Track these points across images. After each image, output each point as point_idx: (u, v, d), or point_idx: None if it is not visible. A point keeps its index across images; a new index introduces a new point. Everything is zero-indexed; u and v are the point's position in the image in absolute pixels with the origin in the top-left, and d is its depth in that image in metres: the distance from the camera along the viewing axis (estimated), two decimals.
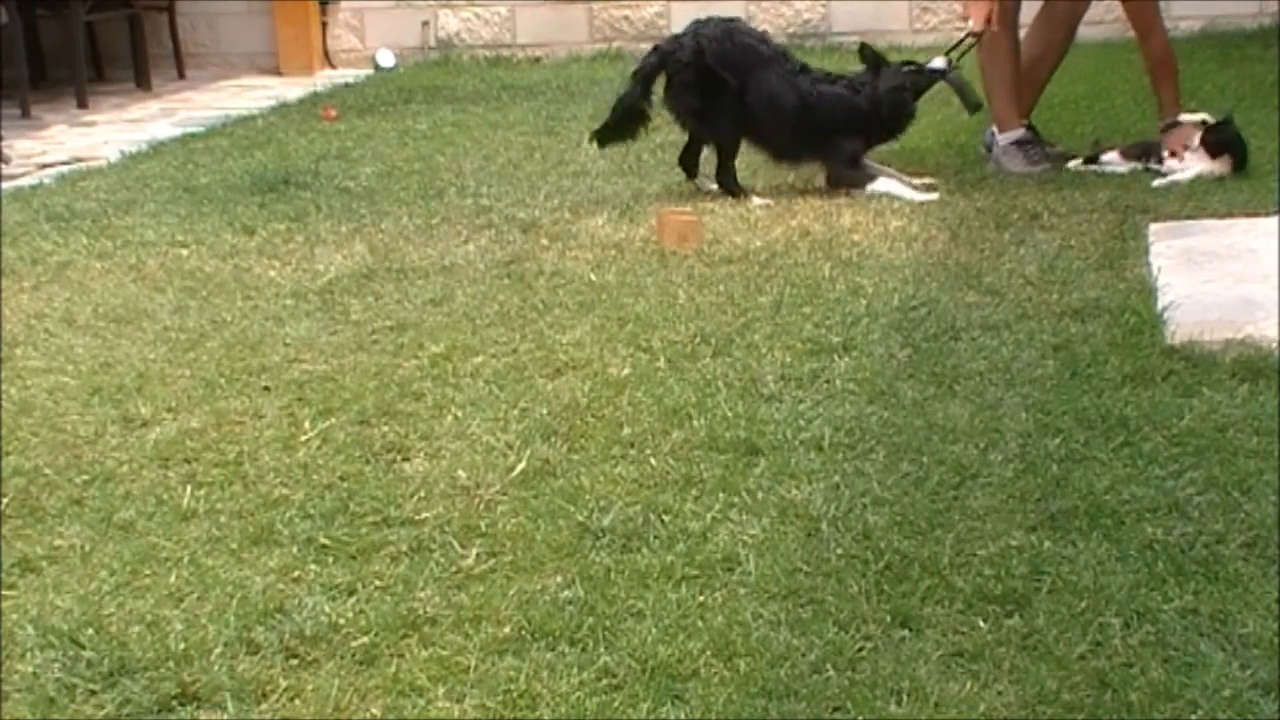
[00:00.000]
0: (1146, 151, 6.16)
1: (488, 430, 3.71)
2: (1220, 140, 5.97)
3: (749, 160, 6.27)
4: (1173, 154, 6.02)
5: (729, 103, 6.03)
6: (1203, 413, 3.60)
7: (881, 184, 6.04)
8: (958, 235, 5.32)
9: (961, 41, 6.34)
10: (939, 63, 6.25)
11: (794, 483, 3.34)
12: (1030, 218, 5.48)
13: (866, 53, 6.26)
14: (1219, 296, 4.37)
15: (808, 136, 6.09)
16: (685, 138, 6.26)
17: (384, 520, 3.25)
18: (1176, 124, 6.10)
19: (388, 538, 3.17)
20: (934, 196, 5.93)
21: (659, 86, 6.16)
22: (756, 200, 5.97)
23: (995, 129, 6.39)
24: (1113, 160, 6.18)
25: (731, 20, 6.35)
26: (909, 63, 6.32)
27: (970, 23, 6.33)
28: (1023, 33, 6.54)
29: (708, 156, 6.23)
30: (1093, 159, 6.21)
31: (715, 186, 6.12)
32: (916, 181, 6.09)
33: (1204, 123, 6.04)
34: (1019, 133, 6.32)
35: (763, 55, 6.14)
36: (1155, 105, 6.33)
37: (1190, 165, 5.95)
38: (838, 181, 6.10)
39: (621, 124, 6.21)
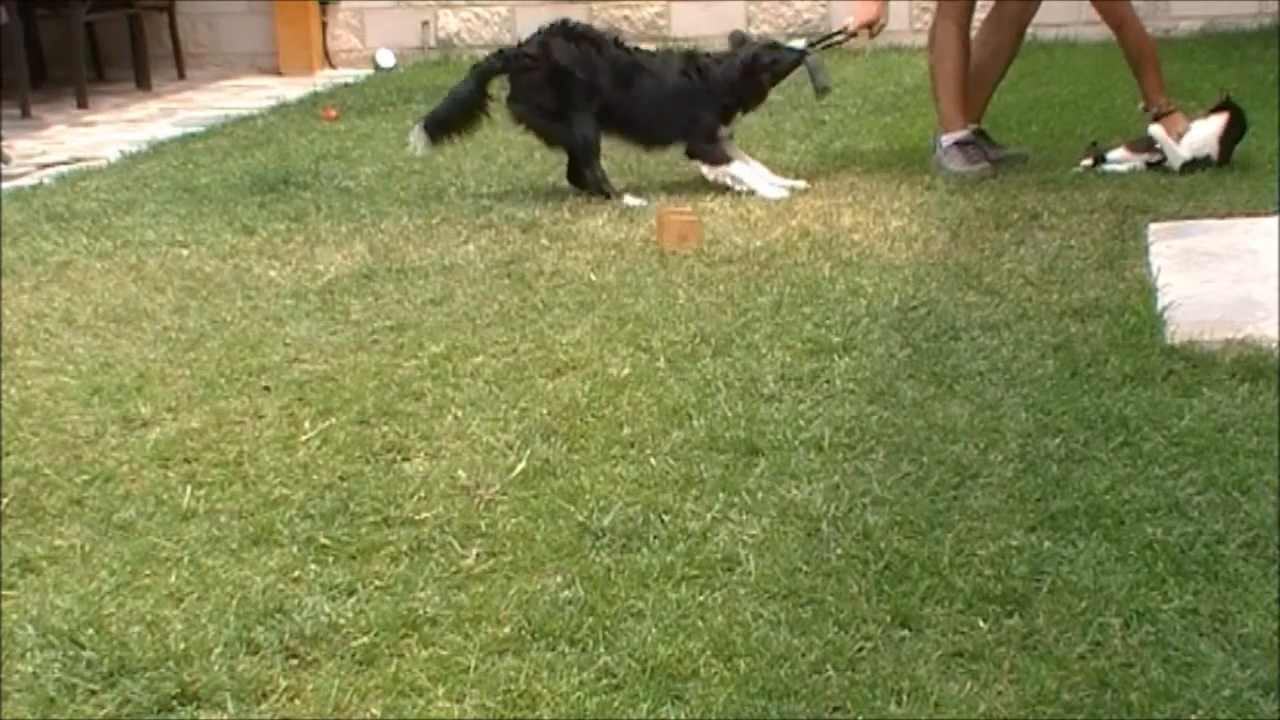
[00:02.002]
0: (1150, 145, 6.17)
1: (488, 430, 3.71)
2: (1223, 105, 6.05)
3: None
4: (1175, 138, 6.05)
5: (581, 102, 6.07)
6: (1203, 413, 3.60)
7: (738, 168, 6.15)
8: (958, 235, 5.33)
9: (832, 35, 6.63)
10: (799, 43, 6.42)
11: (794, 483, 3.34)
12: (1030, 218, 5.48)
13: (735, 37, 6.43)
14: (1219, 296, 4.37)
15: (669, 117, 6.16)
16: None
17: (384, 520, 3.25)
18: (1168, 112, 6.11)
19: (388, 538, 3.17)
20: (785, 194, 6.04)
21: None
22: (630, 199, 6.01)
23: (940, 131, 6.42)
24: (1120, 158, 6.18)
25: (570, 22, 6.39)
26: (772, 43, 6.48)
27: (850, 20, 6.53)
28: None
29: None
30: (1100, 159, 6.21)
31: (641, 201, 6.05)
32: (784, 181, 6.16)
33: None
34: (962, 134, 6.33)
35: (608, 48, 6.20)
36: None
37: (1194, 135, 6.00)
38: (694, 154, 6.21)
39: (451, 115, 6.24)
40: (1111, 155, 6.20)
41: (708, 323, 4.44)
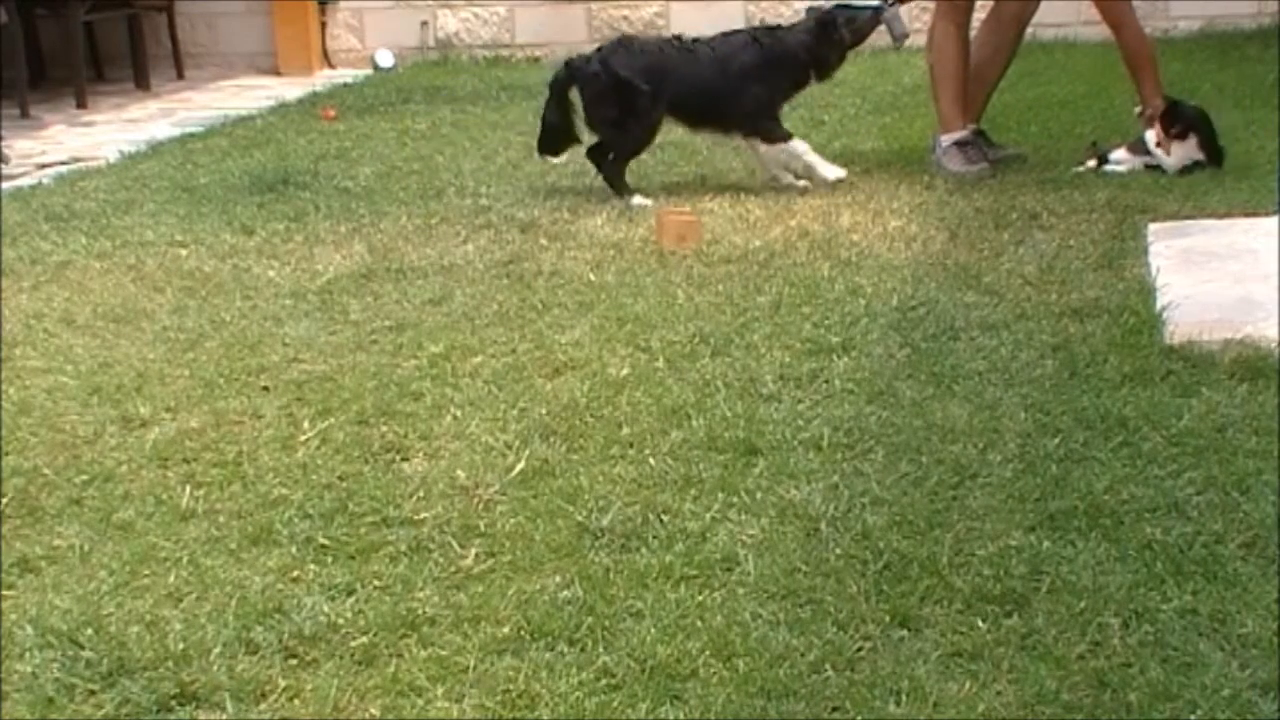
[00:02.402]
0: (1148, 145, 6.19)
1: (487, 430, 3.71)
2: (1180, 121, 6.03)
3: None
4: (1158, 144, 6.05)
5: (643, 109, 6.03)
6: (1202, 413, 3.60)
7: (798, 145, 6.14)
8: (957, 235, 5.33)
9: None
10: (873, 1, 6.35)
11: (793, 483, 3.34)
12: (1030, 218, 5.48)
13: (811, 10, 6.36)
14: (1219, 296, 4.37)
15: (735, 96, 6.11)
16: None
17: (383, 520, 3.25)
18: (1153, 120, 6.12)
19: (387, 538, 3.17)
20: (843, 175, 6.08)
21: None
22: (638, 200, 5.98)
23: (940, 131, 6.41)
24: (1120, 159, 6.18)
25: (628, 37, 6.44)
26: (842, 4, 6.36)
27: None
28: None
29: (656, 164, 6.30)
30: (1102, 160, 6.20)
31: (648, 202, 6.01)
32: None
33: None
34: (961, 134, 6.34)
35: (668, 49, 6.21)
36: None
37: (1176, 154, 6.01)
38: (750, 131, 6.16)
39: (552, 135, 6.23)
40: (1113, 156, 6.20)
41: (707, 323, 4.44)
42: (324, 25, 10.88)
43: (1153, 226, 5.19)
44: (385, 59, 10.69)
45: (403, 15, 10.81)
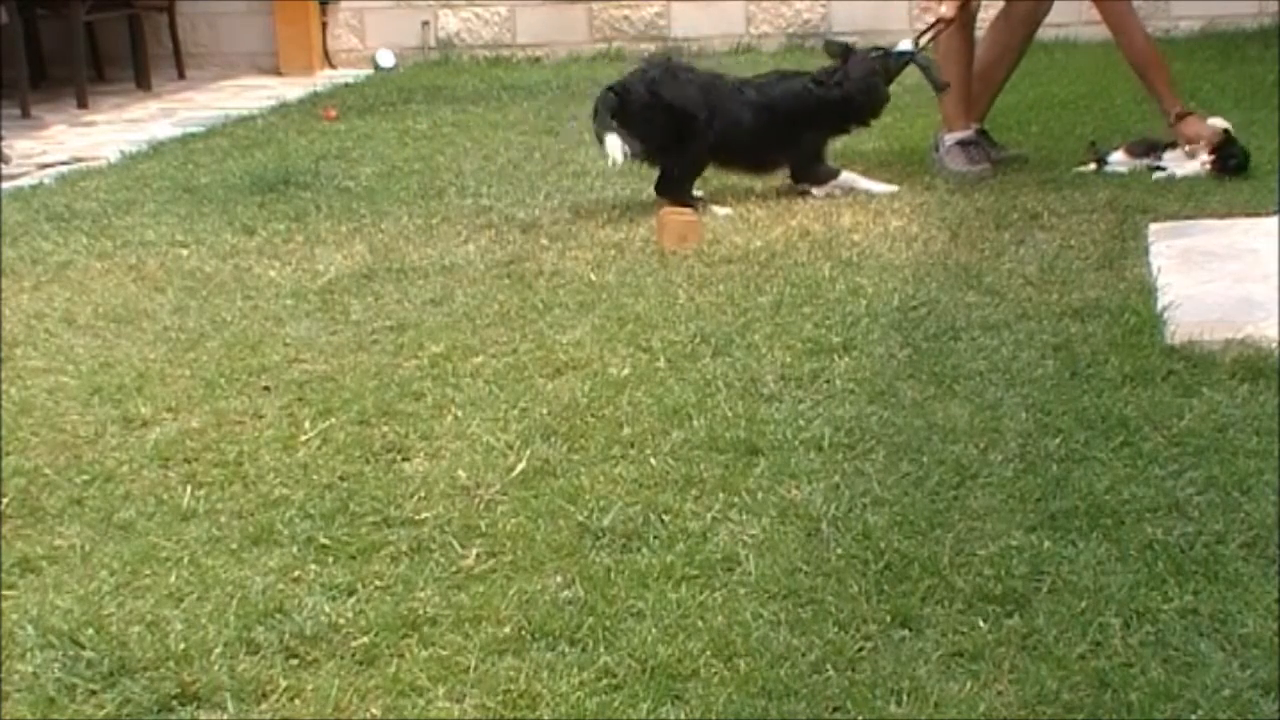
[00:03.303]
0: (1150, 148, 6.17)
1: (488, 430, 3.71)
2: (1226, 155, 5.97)
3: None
4: (1189, 143, 6.02)
5: (699, 131, 5.91)
6: (1203, 413, 3.60)
7: (847, 177, 6.09)
8: (958, 235, 5.33)
9: (931, 27, 6.38)
10: (906, 45, 6.28)
11: (794, 483, 3.34)
12: (1030, 218, 5.48)
13: (832, 48, 6.26)
14: (1219, 296, 4.36)
15: (782, 141, 6.05)
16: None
17: (384, 520, 3.25)
18: (1187, 114, 6.09)
19: (388, 538, 3.17)
20: (895, 188, 6.02)
21: None
22: (717, 209, 5.84)
23: (944, 129, 6.41)
24: (1120, 160, 6.18)
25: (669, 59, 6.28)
26: (876, 48, 6.29)
27: (943, 8, 6.34)
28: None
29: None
30: (1101, 161, 6.20)
31: (724, 211, 5.91)
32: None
33: (1226, 131, 6.02)
34: (965, 133, 6.33)
35: (714, 84, 6.07)
36: (1153, 105, 6.33)
37: (1190, 163, 5.97)
38: (801, 178, 6.11)
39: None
40: (1112, 158, 6.20)
41: (708, 323, 4.44)
42: (325, 25, 10.88)
43: (1153, 226, 5.19)
44: (386, 59, 10.69)
45: (404, 15, 10.81)
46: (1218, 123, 6.09)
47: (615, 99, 5.92)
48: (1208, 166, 5.94)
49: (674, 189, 5.97)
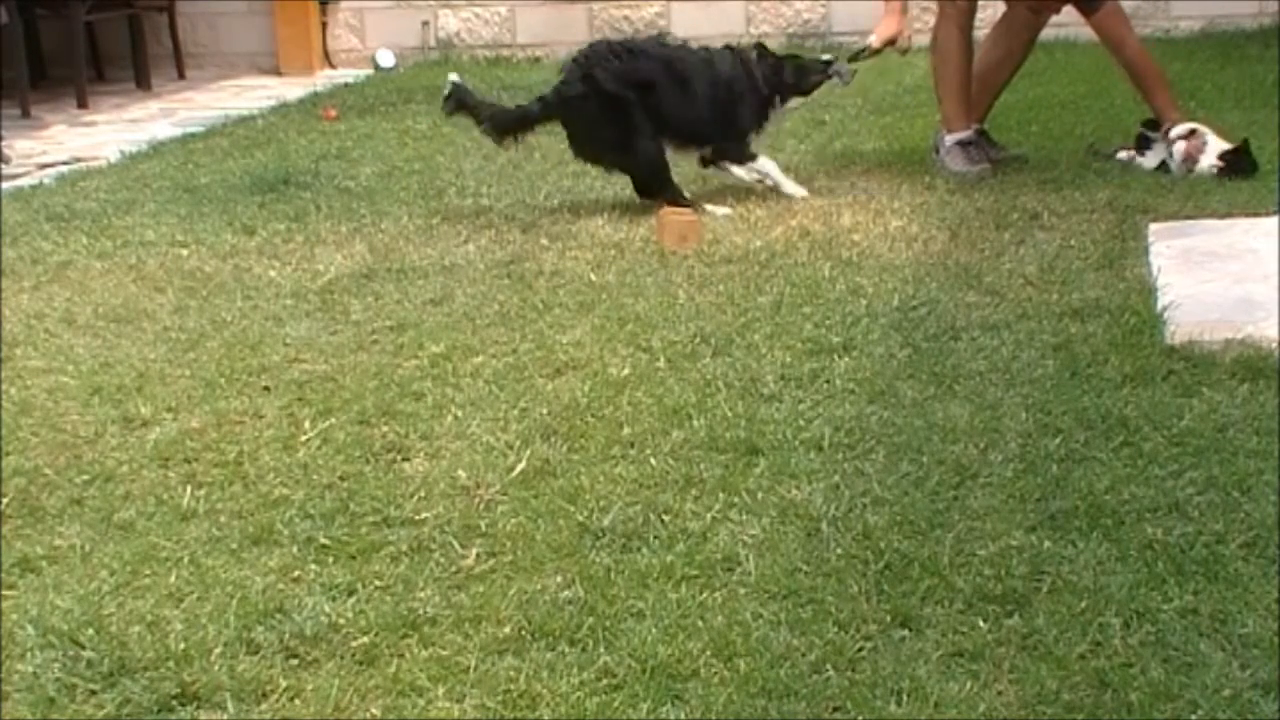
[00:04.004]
0: (1148, 144, 6.18)
1: (488, 430, 3.71)
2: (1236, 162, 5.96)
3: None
4: (1187, 157, 6.01)
5: (641, 124, 5.84)
6: (1203, 413, 3.60)
7: (765, 163, 6.08)
8: (958, 235, 5.33)
9: (860, 53, 6.44)
10: (826, 56, 6.39)
11: (794, 483, 3.34)
12: (1030, 218, 5.48)
13: (761, 48, 6.24)
14: (1219, 296, 4.37)
15: (714, 117, 6.02)
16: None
17: (384, 520, 3.25)
18: (1192, 131, 6.06)
19: (388, 538, 3.17)
20: (805, 193, 6.00)
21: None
22: (719, 210, 5.79)
23: (944, 130, 6.42)
24: (1127, 159, 6.17)
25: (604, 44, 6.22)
26: (795, 58, 6.34)
27: (873, 38, 6.44)
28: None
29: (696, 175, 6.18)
30: (1144, 143, 6.21)
31: (723, 211, 5.87)
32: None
33: (1245, 140, 6.01)
34: (965, 134, 6.34)
35: (665, 55, 6.04)
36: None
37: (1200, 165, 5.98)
38: (721, 155, 6.08)
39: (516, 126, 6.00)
40: (1119, 156, 6.18)
41: (708, 323, 4.44)
42: (325, 25, 10.88)
43: (1153, 226, 5.19)
44: (386, 59, 10.69)
45: (404, 15, 10.81)
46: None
47: (541, 109, 5.91)
48: (1215, 170, 5.94)
49: (652, 186, 5.95)
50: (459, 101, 5.97)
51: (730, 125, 6.04)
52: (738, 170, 6.11)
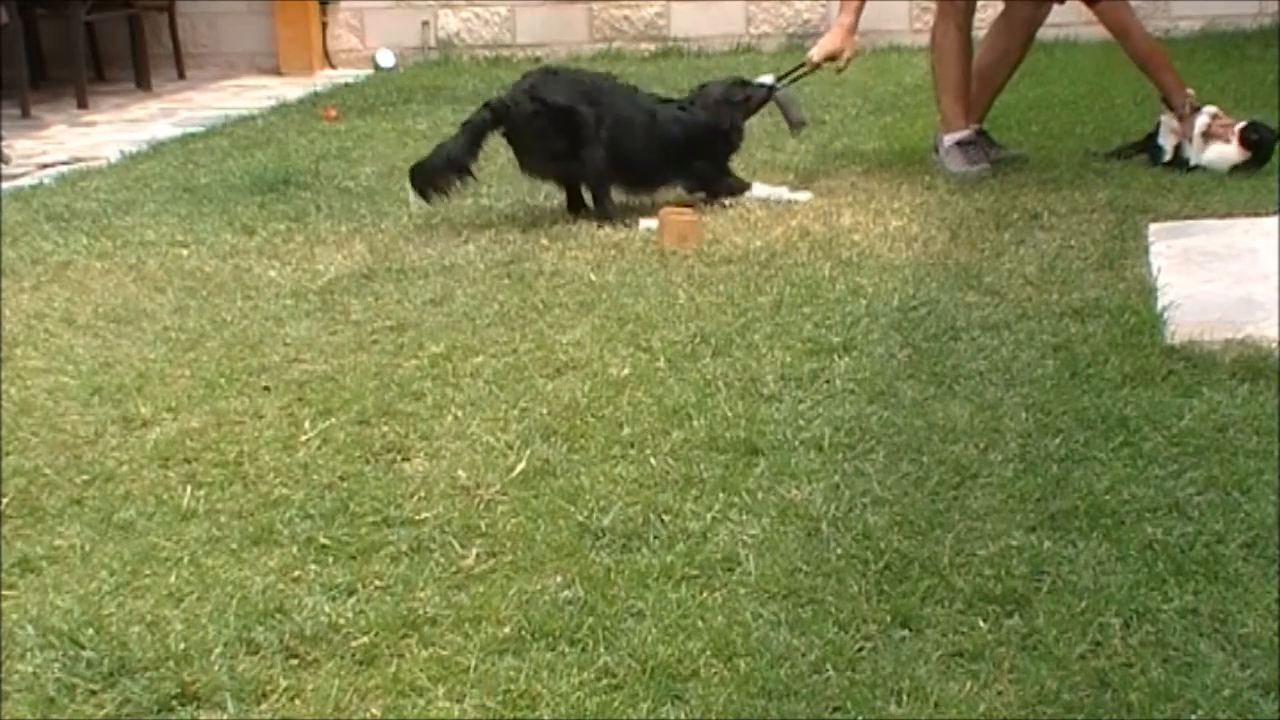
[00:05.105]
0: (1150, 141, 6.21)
1: (488, 430, 3.71)
2: (1256, 138, 5.98)
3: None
4: (1186, 137, 6.02)
5: (590, 136, 5.75)
6: (1203, 413, 3.60)
7: (759, 190, 6.04)
8: (958, 235, 5.33)
9: (796, 69, 6.36)
10: (768, 79, 6.23)
11: (794, 483, 3.34)
12: (1030, 218, 5.48)
13: (701, 85, 6.19)
14: (1219, 296, 4.37)
15: (668, 160, 5.93)
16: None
17: (384, 520, 3.25)
18: (1196, 109, 6.08)
19: (388, 538, 3.17)
20: (808, 196, 5.96)
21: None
22: (643, 223, 5.67)
23: (943, 130, 6.42)
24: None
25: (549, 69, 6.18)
26: (740, 80, 6.22)
27: (812, 52, 6.38)
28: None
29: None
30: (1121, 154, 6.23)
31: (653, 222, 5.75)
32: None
33: (1215, 115, 6.03)
34: (964, 133, 6.34)
35: (601, 86, 5.96)
36: (1153, 105, 6.33)
37: (1214, 153, 5.97)
38: (718, 193, 6.00)
39: (442, 172, 5.79)
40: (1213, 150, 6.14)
41: (708, 323, 4.44)
42: (325, 25, 10.88)
43: (1153, 226, 5.19)
44: (386, 59, 10.69)
45: (404, 15, 10.81)
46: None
47: (490, 116, 5.79)
48: (1232, 152, 5.95)
49: (598, 199, 5.87)
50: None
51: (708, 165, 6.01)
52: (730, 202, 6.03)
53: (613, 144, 5.80)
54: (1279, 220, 4.96)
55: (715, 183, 6.03)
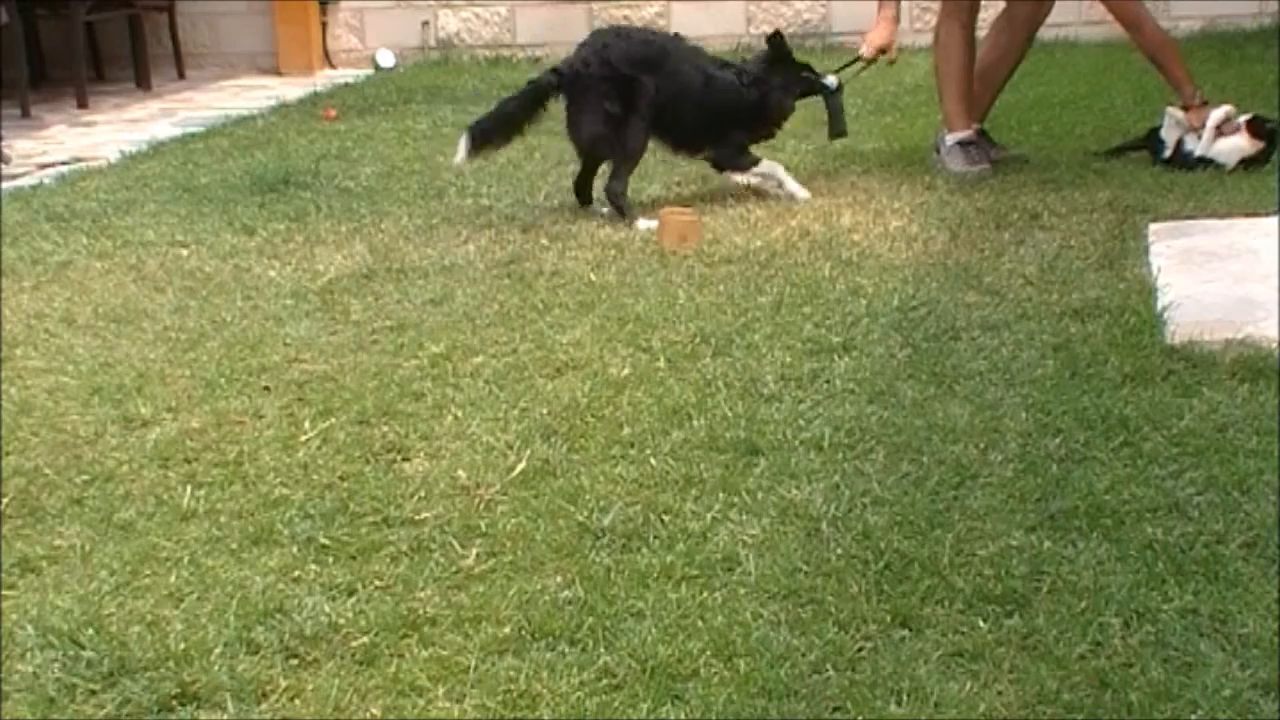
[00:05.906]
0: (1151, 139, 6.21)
1: (488, 430, 3.71)
2: (1262, 129, 6.00)
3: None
4: (1193, 130, 6.03)
5: (642, 107, 5.78)
6: (1203, 413, 3.60)
7: (768, 166, 6.06)
8: (958, 235, 5.33)
9: (850, 64, 6.39)
10: (832, 80, 6.22)
11: (794, 483, 3.34)
12: (1030, 218, 5.49)
13: (774, 42, 6.13)
14: (1219, 296, 4.37)
15: (712, 126, 5.98)
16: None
17: (384, 520, 3.25)
18: (1204, 103, 6.09)
19: (388, 538, 3.17)
20: (808, 195, 5.98)
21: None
22: (642, 223, 5.65)
23: (945, 129, 6.42)
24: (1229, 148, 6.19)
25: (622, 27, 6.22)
26: (807, 68, 6.22)
27: (865, 49, 6.40)
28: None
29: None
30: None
31: (605, 210, 5.87)
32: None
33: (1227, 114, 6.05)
34: (965, 133, 6.34)
35: (667, 49, 5.99)
36: (1154, 104, 6.34)
37: (1225, 145, 5.97)
38: (723, 164, 6.08)
39: (499, 127, 5.87)
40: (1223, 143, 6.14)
41: (708, 323, 4.44)
42: (325, 25, 10.87)
43: (1153, 226, 5.19)
44: (386, 59, 10.69)
45: (404, 15, 10.81)
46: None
47: (557, 79, 5.81)
48: (1243, 144, 5.96)
49: (615, 174, 5.89)
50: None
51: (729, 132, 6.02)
52: (743, 178, 6.09)
53: (666, 107, 5.85)
54: (1279, 220, 4.96)
55: (733, 155, 6.05)
